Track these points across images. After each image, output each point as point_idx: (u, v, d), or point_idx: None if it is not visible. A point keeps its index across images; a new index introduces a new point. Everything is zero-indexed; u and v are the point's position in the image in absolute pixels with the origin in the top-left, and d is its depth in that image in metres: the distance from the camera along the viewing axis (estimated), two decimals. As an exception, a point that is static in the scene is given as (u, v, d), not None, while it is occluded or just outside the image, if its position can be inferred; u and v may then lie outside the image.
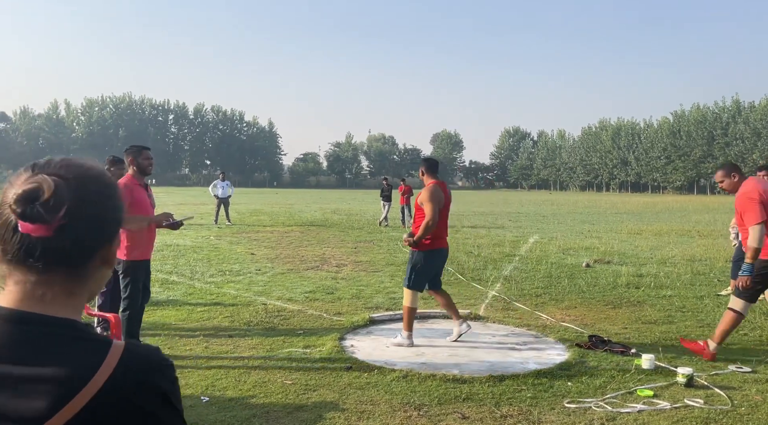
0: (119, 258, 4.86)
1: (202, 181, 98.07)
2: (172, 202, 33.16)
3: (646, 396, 4.13)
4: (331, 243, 13.74)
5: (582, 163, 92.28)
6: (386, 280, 8.84)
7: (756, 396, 4.15)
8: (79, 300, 0.89)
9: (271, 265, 10.21)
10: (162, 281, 8.46)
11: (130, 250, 4.80)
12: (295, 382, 4.37)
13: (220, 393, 4.16)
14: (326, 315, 6.54)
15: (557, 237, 15.58)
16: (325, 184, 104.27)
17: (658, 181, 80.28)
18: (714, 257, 11.34)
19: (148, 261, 5.05)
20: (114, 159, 5.94)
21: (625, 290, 8.12)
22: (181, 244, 12.88)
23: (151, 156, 5.06)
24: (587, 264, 10.33)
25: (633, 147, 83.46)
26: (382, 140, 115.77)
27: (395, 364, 4.83)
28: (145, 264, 4.98)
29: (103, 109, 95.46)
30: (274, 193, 52.82)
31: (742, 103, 72.65)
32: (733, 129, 69.58)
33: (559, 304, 7.26)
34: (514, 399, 4.08)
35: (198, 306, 6.89)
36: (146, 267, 5.02)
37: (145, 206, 4.91)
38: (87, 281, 0.90)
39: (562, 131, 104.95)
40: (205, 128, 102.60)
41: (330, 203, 36.45)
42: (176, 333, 5.78)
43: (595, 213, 28.28)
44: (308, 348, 5.27)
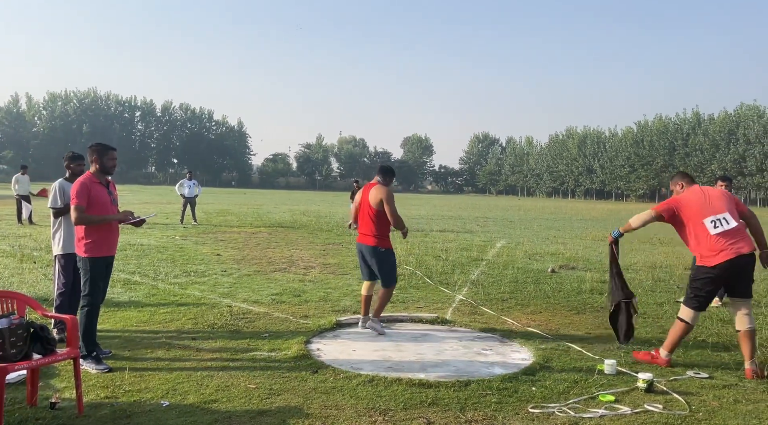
0: (79, 255, 4.75)
1: (169, 179, 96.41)
2: (138, 201, 32.48)
3: (608, 402, 4.19)
4: (299, 245, 13.63)
5: (549, 169, 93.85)
6: (354, 283, 8.80)
7: (713, 402, 4.25)
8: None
9: (237, 267, 10.06)
10: (124, 281, 8.25)
11: (90, 247, 4.75)
12: (259, 386, 4.31)
13: (180, 398, 4.06)
14: (293, 318, 6.47)
15: (524, 242, 15.79)
16: (295, 185, 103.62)
17: (621, 188, 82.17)
18: (674, 264, 11.64)
19: (111, 258, 4.98)
20: (73, 155, 5.77)
21: (589, 296, 8.26)
22: (145, 244, 12.60)
23: (116, 156, 5.02)
24: (552, 270, 10.48)
25: (598, 155, 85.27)
26: (353, 142, 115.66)
27: (361, 368, 4.80)
28: (108, 261, 4.92)
29: (67, 103, 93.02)
30: (243, 194, 52.21)
31: (702, 115, 75.05)
32: (693, 140, 71.72)
33: (525, 309, 7.33)
34: (480, 404, 4.09)
35: (161, 308, 6.74)
36: (108, 264, 4.95)
37: (104, 204, 4.83)
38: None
39: (530, 138, 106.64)
40: (172, 126, 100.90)
41: (299, 204, 36.22)
42: (137, 335, 5.63)
43: (560, 219, 28.76)
44: (273, 351, 5.20)
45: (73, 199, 4.71)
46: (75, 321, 4.11)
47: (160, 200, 34.73)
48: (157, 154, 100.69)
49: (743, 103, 69.93)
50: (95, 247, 4.76)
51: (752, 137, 64.14)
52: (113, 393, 4.11)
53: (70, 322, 4.05)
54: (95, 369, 4.60)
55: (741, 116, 68.00)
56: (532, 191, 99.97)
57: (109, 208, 4.87)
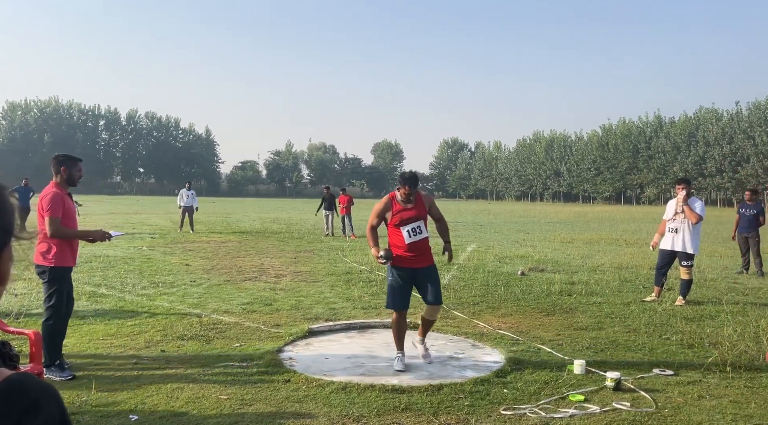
0: (44, 265, 4.68)
1: (135, 189, 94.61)
2: (103, 211, 31.79)
3: (578, 401, 4.27)
4: (270, 253, 13.52)
5: (517, 173, 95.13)
6: (326, 291, 8.78)
7: (678, 399, 4.37)
8: None
9: (206, 276, 9.93)
10: (90, 294, 8.06)
11: (58, 257, 4.72)
12: (231, 397, 4.26)
13: (150, 411, 3.99)
14: (264, 327, 6.41)
15: (494, 245, 15.96)
16: (265, 192, 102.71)
17: (588, 191, 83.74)
18: (640, 265, 11.92)
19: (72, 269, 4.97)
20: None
21: (558, 297, 8.40)
22: (111, 255, 12.33)
23: (81, 167, 4.98)
24: (522, 273, 10.62)
25: (565, 158, 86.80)
26: (323, 149, 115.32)
27: (334, 376, 4.79)
28: (71, 271, 4.92)
29: (27, 113, 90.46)
30: (211, 202, 51.52)
31: (664, 118, 77.14)
32: (655, 143, 73.59)
33: (496, 312, 7.41)
34: (452, 408, 4.12)
35: (128, 320, 6.61)
36: (70, 275, 4.95)
37: (73, 215, 4.89)
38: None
39: (498, 142, 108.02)
40: (138, 135, 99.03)
41: (269, 212, 35.93)
42: (104, 348, 5.51)
43: (529, 222, 29.17)
44: (245, 361, 5.14)
45: (47, 210, 4.63)
46: (39, 336, 4.02)
47: (126, 210, 34.06)
48: (122, 163, 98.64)
49: (702, 107, 72.22)
50: (63, 257, 4.76)
51: (711, 139, 66.16)
52: (80, 409, 4.01)
53: (34, 337, 3.95)
54: (59, 377, 4.56)
55: (700, 119, 70.11)
56: (501, 195, 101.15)
57: (75, 220, 4.89)
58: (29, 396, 0.76)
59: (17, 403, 0.75)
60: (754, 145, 61.23)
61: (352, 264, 11.56)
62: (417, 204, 5.16)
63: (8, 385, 0.76)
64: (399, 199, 5.15)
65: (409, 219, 5.09)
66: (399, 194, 5.16)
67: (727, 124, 65.76)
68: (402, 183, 5.11)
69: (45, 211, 4.64)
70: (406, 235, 5.07)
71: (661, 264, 8.21)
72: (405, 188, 5.07)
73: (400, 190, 5.15)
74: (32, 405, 0.76)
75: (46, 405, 0.77)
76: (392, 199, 5.21)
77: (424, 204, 5.21)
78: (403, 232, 5.08)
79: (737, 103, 72.01)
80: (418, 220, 5.13)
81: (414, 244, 5.07)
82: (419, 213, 5.14)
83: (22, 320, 6.51)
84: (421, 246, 5.13)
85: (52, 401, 0.79)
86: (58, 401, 0.80)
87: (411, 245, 5.06)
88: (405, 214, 5.11)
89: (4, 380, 0.76)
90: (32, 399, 0.76)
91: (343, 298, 8.18)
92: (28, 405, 0.76)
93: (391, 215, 5.14)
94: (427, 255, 5.19)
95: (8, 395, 0.75)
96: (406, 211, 5.13)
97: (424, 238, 5.14)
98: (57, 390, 0.81)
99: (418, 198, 5.20)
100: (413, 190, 5.10)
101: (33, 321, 6.38)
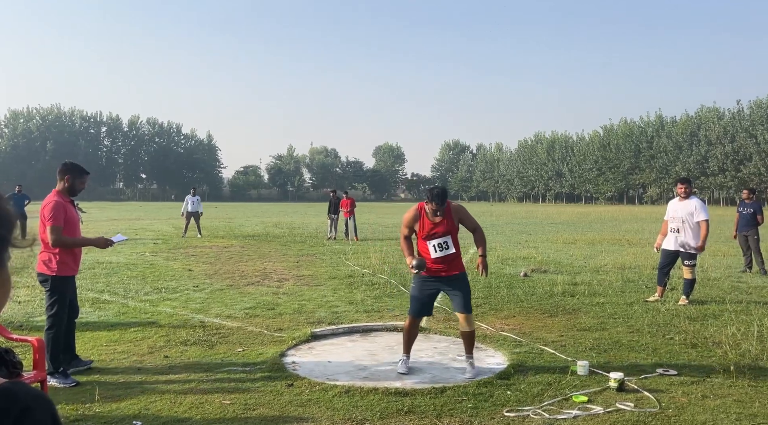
0: (46, 274, 4.70)
1: (138, 195, 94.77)
2: (105, 218, 31.84)
3: (581, 402, 4.26)
4: (272, 258, 13.53)
5: (519, 175, 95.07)
6: (329, 294, 8.78)
7: (682, 398, 4.36)
8: None
9: (209, 281, 9.94)
10: (93, 300, 8.08)
11: (60, 266, 4.75)
12: (234, 402, 4.26)
13: (154, 417, 3.99)
14: (267, 331, 6.42)
15: (496, 247, 15.94)
16: (267, 197, 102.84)
17: (590, 191, 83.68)
18: (642, 265, 11.89)
19: (74, 277, 5.03)
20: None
21: (561, 298, 8.38)
22: (114, 261, 12.36)
23: (87, 180, 5.03)
24: (525, 274, 10.60)
25: (567, 159, 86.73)
26: (324, 153, 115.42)
27: (337, 379, 4.79)
28: (73, 279, 4.97)
29: (29, 120, 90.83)
30: (214, 207, 51.58)
31: (665, 118, 77.05)
32: (657, 142, 73.52)
33: (499, 314, 7.41)
34: (455, 410, 4.12)
35: (131, 326, 6.62)
36: (73, 282, 5.00)
37: (75, 223, 4.90)
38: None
39: (500, 144, 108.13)
40: (140, 141, 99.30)
41: (271, 216, 35.96)
42: (107, 354, 5.52)
43: (532, 223, 29.14)
44: (248, 366, 5.15)
45: (48, 219, 4.65)
46: (42, 344, 4.03)
47: (129, 216, 34.12)
48: (124, 169, 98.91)
49: (703, 106, 72.14)
50: (65, 266, 4.79)
51: (713, 138, 66.08)
52: (83, 415, 4.02)
53: (37, 344, 3.96)
54: (63, 384, 4.59)
55: (702, 118, 70.03)
56: (503, 197, 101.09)
57: (78, 227, 4.91)
58: (19, 405, 0.76)
59: (7, 412, 0.75)
60: (756, 144, 61.14)
61: (355, 268, 11.56)
62: (446, 218, 4.99)
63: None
64: (427, 212, 5.01)
65: (436, 235, 4.96)
66: (427, 207, 5.00)
67: (729, 123, 65.68)
68: (429, 199, 4.93)
69: (46, 220, 4.65)
70: (432, 250, 4.96)
71: (664, 263, 8.20)
72: (432, 204, 4.90)
73: (428, 205, 4.98)
74: (22, 413, 0.76)
75: (36, 413, 0.77)
76: (421, 210, 5.06)
77: (453, 218, 5.03)
78: (429, 246, 4.98)
79: (738, 101, 71.76)
80: (446, 236, 4.97)
81: (439, 259, 4.96)
82: (447, 229, 4.98)
83: (25, 327, 6.53)
84: (448, 259, 5.01)
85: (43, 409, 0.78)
86: (50, 409, 0.79)
87: (436, 259, 4.96)
88: (432, 229, 4.97)
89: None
90: (22, 408, 0.76)
91: (346, 302, 8.19)
92: (17, 414, 0.76)
93: (419, 227, 5.02)
94: (455, 264, 5.05)
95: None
96: (433, 225, 4.99)
97: (450, 254, 5.00)
98: (49, 399, 0.81)
99: (447, 211, 5.01)
100: (441, 206, 4.91)
101: (36, 328, 6.40)
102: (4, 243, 0.86)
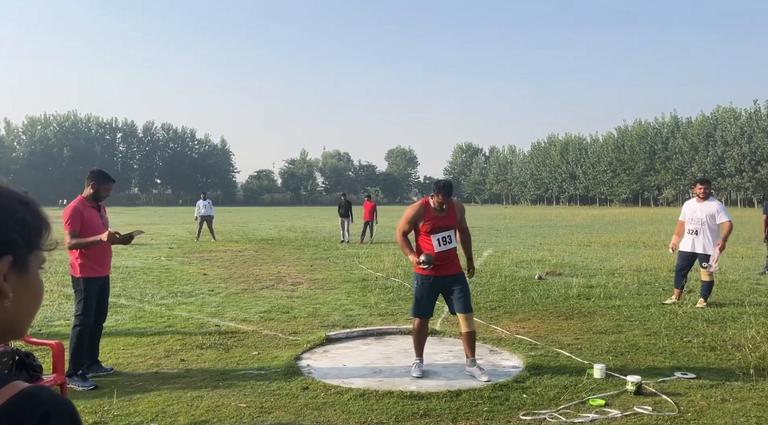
0: (74, 276, 4.81)
1: (153, 200, 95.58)
2: (122, 222, 32.18)
3: (598, 406, 4.23)
4: (286, 262, 13.58)
5: (532, 177, 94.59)
6: (343, 298, 8.79)
7: (701, 402, 4.30)
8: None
9: (224, 285, 10.00)
10: (110, 305, 8.14)
11: (84, 268, 4.88)
12: (250, 405, 4.28)
13: (171, 420, 4.02)
14: (282, 334, 6.44)
15: (510, 250, 15.87)
16: (280, 201, 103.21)
17: (605, 194, 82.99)
18: (659, 267, 11.77)
19: (106, 278, 5.16)
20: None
21: (576, 301, 8.32)
22: (130, 266, 12.48)
23: (112, 188, 5.17)
24: (539, 277, 10.54)
25: (580, 161, 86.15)
26: (337, 157, 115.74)
27: (352, 383, 4.79)
28: (101, 282, 5.07)
29: (47, 127, 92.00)
30: (228, 211, 51.90)
31: (680, 118, 76.30)
32: (672, 143, 72.79)
33: (513, 317, 7.37)
34: (471, 414, 4.10)
35: (148, 330, 6.68)
36: (102, 284, 5.10)
37: (97, 226, 4.97)
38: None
39: (513, 146, 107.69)
40: (155, 146, 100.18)
41: (285, 220, 36.11)
42: (125, 358, 5.57)
43: (546, 226, 28.97)
44: (263, 369, 5.17)
45: (65, 223, 4.85)
46: (61, 347, 4.08)
47: (144, 221, 34.42)
48: (140, 175, 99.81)
49: (719, 106, 71.32)
50: (89, 268, 4.91)
51: (730, 139, 65.29)
52: (102, 419, 4.06)
53: (56, 348, 4.02)
54: (81, 386, 4.67)
55: (718, 118, 69.24)
56: (516, 199, 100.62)
57: (101, 231, 4.95)
58: (41, 410, 0.77)
59: (29, 416, 0.76)
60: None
61: (368, 271, 11.57)
62: (450, 212, 5.07)
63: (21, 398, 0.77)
64: (432, 206, 5.04)
65: (440, 228, 4.99)
66: (432, 201, 5.04)
67: (746, 123, 64.86)
68: (436, 191, 4.98)
69: (64, 224, 4.81)
70: (435, 244, 4.97)
71: (681, 266, 8.11)
72: (439, 196, 4.95)
73: (433, 197, 5.03)
74: (44, 417, 0.77)
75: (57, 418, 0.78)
76: (425, 205, 5.09)
77: (456, 213, 5.11)
78: (433, 240, 4.99)
79: (755, 101, 70.94)
80: (450, 229, 5.03)
81: (442, 253, 4.98)
82: (451, 223, 5.05)
83: (45, 331, 6.62)
84: (450, 255, 5.05)
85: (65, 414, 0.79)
86: (72, 414, 0.80)
87: (439, 254, 4.97)
88: (437, 222, 5.00)
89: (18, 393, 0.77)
90: (43, 413, 0.77)
91: (360, 305, 8.19)
92: (39, 418, 0.76)
93: (423, 222, 5.04)
94: (454, 263, 5.09)
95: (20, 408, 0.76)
96: (439, 218, 5.02)
97: (452, 248, 5.06)
98: (72, 404, 0.81)
99: (451, 206, 5.09)
100: (447, 198, 4.97)
101: (56, 332, 6.48)
102: (28, 248, 0.86)
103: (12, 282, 0.83)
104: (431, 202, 5.05)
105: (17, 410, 0.76)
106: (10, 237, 0.83)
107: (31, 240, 0.86)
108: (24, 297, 0.86)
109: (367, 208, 19.54)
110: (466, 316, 4.99)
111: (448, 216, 5.05)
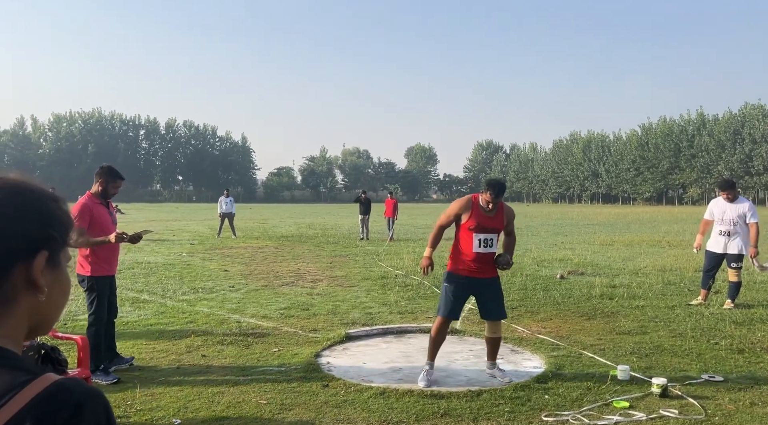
0: (83, 274, 4.83)
1: (174, 196, 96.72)
2: (144, 218, 32.61)
3: (622, 408, 4.15)
4: (306, 259, 13.63)
5: (554, 175, 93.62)
6: (362, 295, 8.78)
7: (729, 406, 4.20)
8: (5, 328, 0.82)
9: (244, 282, 10.07)
10: (133, 300, 8.26)
11: (94, 266, 4.89)
12: (270, 401, 4.29)
13: (192, 415, 4.05)
14: (302, 331, 6.46)
15: (531, 249, 15.71)
16: (300, 198, 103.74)
17: (628, 192, 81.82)
18: (684, 267, 11.55)
19: (113, 277, 5.17)
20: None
21: (599, 301, 8.20)
22: (152, 262, 12.63)
23: (120, 186, 5.15)
24: (561, 276, 10.42)
25: (603, 159, 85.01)
26: (356, 154, 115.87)
27: (372, 381, 4.78)
28: (110, 280, 5.09)
29: (72, 124, 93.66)
30: (248, 208, 52.30)
31: (706, 115, 74.82)
32: (698, 141, 71.46)
33: (535, 316, 7.29)
34: (492, 414, 4.06)
35: (170, 326, 6.74)
36: (111, 282, 5.12)
37: (106, 224, 4.96)
38: (12, 307, 0.82)
39: (534, 144, 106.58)
40: (177, 143, 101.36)
41: (305, 217, 36.26)
42: (147, 353, 5.63)
43: (567, 224, 28.65)
44: (283, 366, 5.18)
45: (74, 220, 4.76)
46: (86, 342, 4.13)
47: (166, 217, 34.86)
48: (162, 171, 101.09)
49: (747, 103, 69.78)
50: (98, 266, 4.93)
51: (758, 136, 63.89)
52: (125, 413, 4.10)
53: (81, 342, 4.06)
54: (104, 380, 4.73)
55: (746, 116, 67.77)
56: (537, 197, 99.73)
57: (110, 228, 4.98)
58: (74, 401, 0.77)
59: (62, 407, 0.76)
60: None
61: (388, 269, 11.55)
62: (497, 215, 4.84)
63: (54, 389, 0.77)
64: (480, 204, 4.82)
65: (485, 229, 4.76)
66: (481, 199, 4.81)
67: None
68: (486, 188, 4.75)
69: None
70: (476, 244, 4.74)
71: (709, 266, 7.94)
72: (487, 194, 4.72)
73: (483, 195, 4.81)
74: (77, 409, 0.76)
75: (91, 409, 0.77)
76: (474, 200, 4.87)
77: (503, 217, 4.88)
78: (474, 240, 4.75)
79: (785, 98, 69.23)
80: (494, 233, 4.82)
81: (481, 255, 4.78)
82: (497, 226, 4.84)
83: (69, 325, 6.72)
84: (488, 258, 4.85)
85: (98, 406, 0.79)
86: (105, 406, 0.80)
87: (478, 255, 4.77)
88: (484, 222, 4.78)
89: (51, 384, 0.77)
90: (76, 404, 0.77)
91: (380, 303, 8.18)
92: (72, 409, 0.76)
93: (468, 217, 4.82)
94: (490, 266, 4.88)
95: (53, 399, 0.76)
96: (486, 218, 4.80)
97: (492, 252, 4.85)
98: (104, 396, 0.81)
99: (500, 209, 4.86)
100: (497, 198, 4.73)
101: (80, 326, 6.58)
102: (60, 244, 0.87)
103: (47, 278, 0.85)
104: (480, 199, 4.85)
105: (51, 401, 0.76)
106: (48, 233, 0.85)
107: (63, 236, 0.88)
108: (54, 292, 0.88)
109: (389, 205, 19.59)
110: (498, 323, 4.90)
111: (496, 219, 4.84)
